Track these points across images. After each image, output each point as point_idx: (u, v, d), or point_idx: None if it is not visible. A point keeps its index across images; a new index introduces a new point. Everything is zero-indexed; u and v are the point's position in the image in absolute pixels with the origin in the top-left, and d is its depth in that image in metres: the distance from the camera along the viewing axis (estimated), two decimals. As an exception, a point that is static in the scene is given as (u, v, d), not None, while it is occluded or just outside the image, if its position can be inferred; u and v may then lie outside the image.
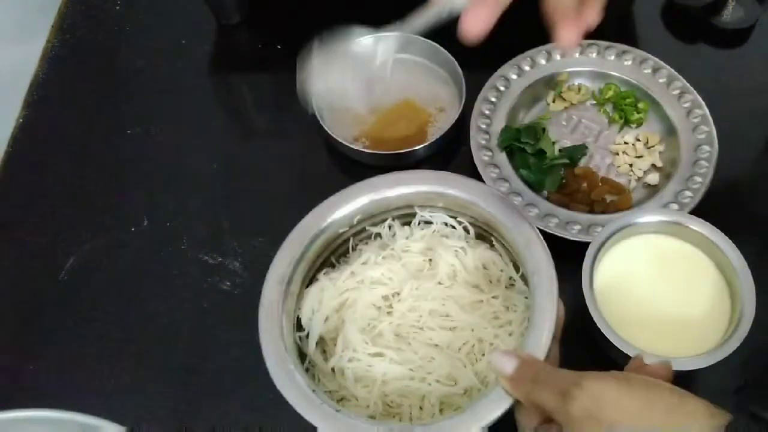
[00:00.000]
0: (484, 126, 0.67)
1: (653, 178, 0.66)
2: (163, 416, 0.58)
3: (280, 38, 0.79)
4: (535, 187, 0.65)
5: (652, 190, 0.65)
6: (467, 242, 0.57)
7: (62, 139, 0.74)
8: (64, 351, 0.62)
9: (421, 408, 0.52)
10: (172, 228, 0.67)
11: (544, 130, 0.68)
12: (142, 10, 0.83)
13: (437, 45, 0.72)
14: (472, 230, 0.58)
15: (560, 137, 0.69)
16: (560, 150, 0.68)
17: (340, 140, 0.67)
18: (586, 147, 0.68)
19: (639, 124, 0.69)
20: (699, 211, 0.59)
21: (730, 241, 0.54)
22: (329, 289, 0.55)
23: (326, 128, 0.68)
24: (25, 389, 0.60)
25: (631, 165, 0.67)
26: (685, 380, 0.57)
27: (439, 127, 0.70)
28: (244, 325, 0.53)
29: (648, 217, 0.56)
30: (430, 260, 0.57)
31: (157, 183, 0.70)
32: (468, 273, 0.56)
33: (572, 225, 0.61)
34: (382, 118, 0.71)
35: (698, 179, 0.63)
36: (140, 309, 0.63)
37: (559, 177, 0.66)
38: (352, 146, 0.67)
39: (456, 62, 0.70)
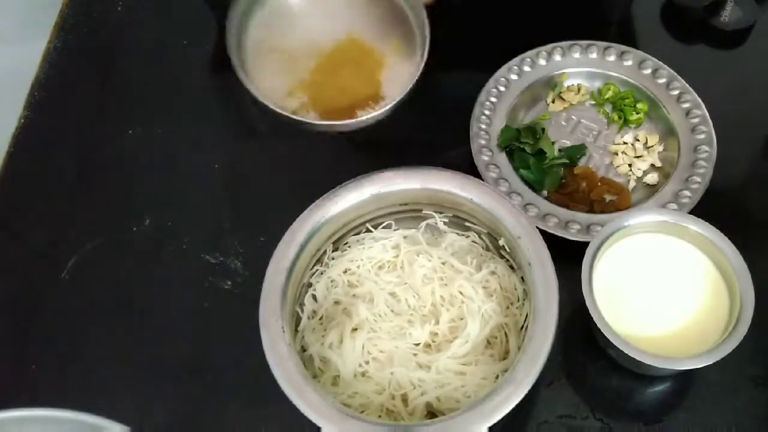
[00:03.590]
0: (484, 126, 0.68)
1: (652, 178, 0.66)
2: (164, 416, 0.58)
3: (280, 39, 0.79)
4: (535, 186, 0.66)
5: (652, 190, 0.66)
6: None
7: (64, 139, 0.74)
8: (65, 351, 0.62)
9: (423, 394, 0.52)
10: (173, 227, 0.67)
11: (543, 130, 0.68)
12: (143, 11, 0.83)
13: None
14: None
15: (560, 137, 0.69)
16: (560, 150, 0.68)
17: (270, 106, 0.52)
18: (586, 147, 0.68)
19: (638, 124, 0.69)
20: (698, 211, 0.60)
21: (729, 241, 0.54)
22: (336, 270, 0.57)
23: (255, 92, 0.52)
24: (26, 389, 0.60)
25: (630, 165, 0.67)
26: (684, 379, 0.57)
27: (394, 71, 0.57)
28: (245, 324, 0.53)
29: (647, 217, 0.56)
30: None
31: (158, 182, 0.70)
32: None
33: (572, 225, 0.62)
34: (322, 63, 0.56)
35: (697, 179, 0.63)
36: (141, 309, 0.63)
37: (558, 177, 0.66)
38: (287, 114, 0.53)
39: None
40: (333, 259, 0.59)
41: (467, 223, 0.58)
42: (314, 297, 0.58)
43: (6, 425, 0.48)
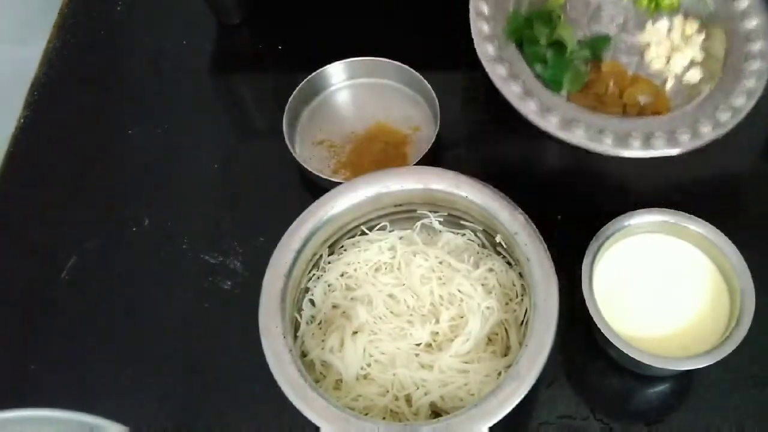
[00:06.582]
0: (485, 10, 0.54)
1: (693, 75, 0.54)
2: (164, 416, 0.58)
3: (280, 39, 0.79)
4: (553, 87, 0.54)
5: (693, 91, 0.53)
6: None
7: (63, 139, 0.74)
8: (65, 351, 0.62)
9: (426, 394, 0.52)
10: (173, 228, 0.67)
11: (559, 17, 0.56)
12: (143, 11, 0.83)
13: (406, 66, 0.70)
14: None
15: (576, 27, 0.57)
16: (578, 41, 0.56)
17: (323, 177, 0.64)
18: (610, 38, 0.56)
19: (673, 8, 0.57)
20: (698, 211, 0.59)
21: (730, 241, 0.54)
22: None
23: (306, 167, 0.65)
24: (25, 389, 0.60)
25: (667, 59, 0.55)
26: (684, 379, 0.57)
27: (416, 145, 0.68)
28: (244, 324, 0.53)
29: (647, 217, 0.56)
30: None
31: (157, 183, 0.70)
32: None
33: (605, 134, 0.48)
34: (357, 145, 0.69)
35: (750, 81, 0.50)
36: (141, 308, 0.63)
37: (581, 74, 0.54)
38: (333, 179, 0.64)
39: (426, 81, 0.68)
40: (329, 263, 0.59)
41: (462, 222, 0.58)
42: (312, 302, 0.58)
43: (5, 425, 0.48)
